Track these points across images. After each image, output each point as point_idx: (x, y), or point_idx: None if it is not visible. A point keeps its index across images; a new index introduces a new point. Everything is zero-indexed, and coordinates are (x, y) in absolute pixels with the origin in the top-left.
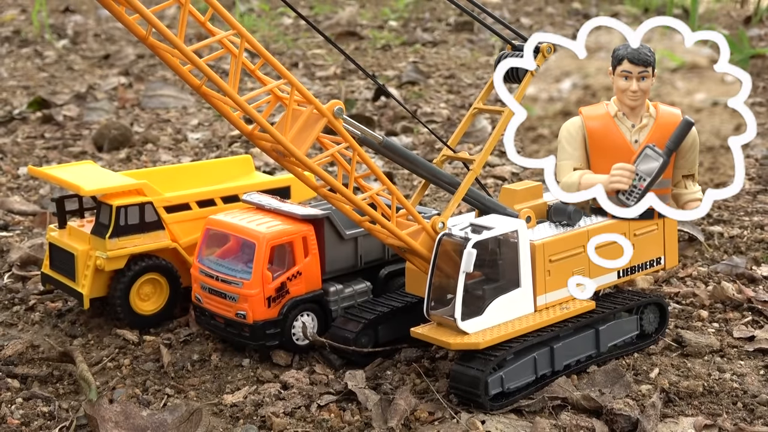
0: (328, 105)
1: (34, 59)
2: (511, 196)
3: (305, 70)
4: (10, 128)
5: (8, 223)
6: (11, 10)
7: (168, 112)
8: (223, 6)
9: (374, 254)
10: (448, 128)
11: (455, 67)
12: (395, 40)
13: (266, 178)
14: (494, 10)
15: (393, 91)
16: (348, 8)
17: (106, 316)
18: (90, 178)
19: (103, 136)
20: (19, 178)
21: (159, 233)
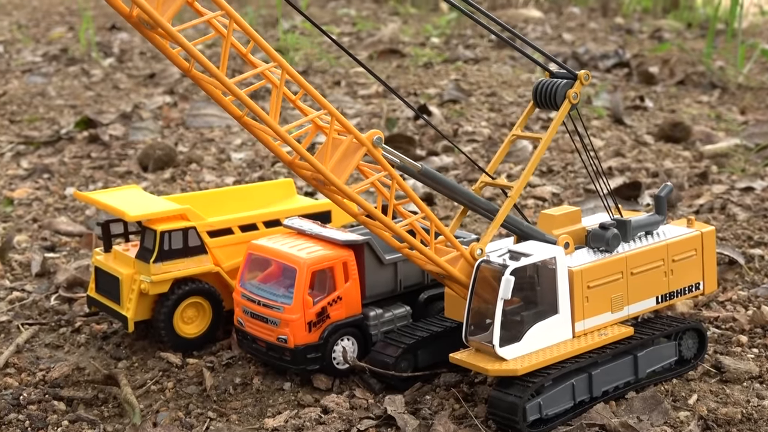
0: (367, 134)
1: (81, 78)
2: (549, 222)
3: (347, 89)
4: (58, 148)
5: (55, 244)
6: (59, 28)
7: (212, 131)
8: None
9: (413, 279)
10: (489, 147)
11: (497, 85)
12: (437, 57)
13: (307, 203)
14: (536, 25)
15: (434, 110)
16: (390, 25)
17: (150, 338)
18: (135, 204)
19: (148, 156)
20: (65, 199)
21: (202, 257)
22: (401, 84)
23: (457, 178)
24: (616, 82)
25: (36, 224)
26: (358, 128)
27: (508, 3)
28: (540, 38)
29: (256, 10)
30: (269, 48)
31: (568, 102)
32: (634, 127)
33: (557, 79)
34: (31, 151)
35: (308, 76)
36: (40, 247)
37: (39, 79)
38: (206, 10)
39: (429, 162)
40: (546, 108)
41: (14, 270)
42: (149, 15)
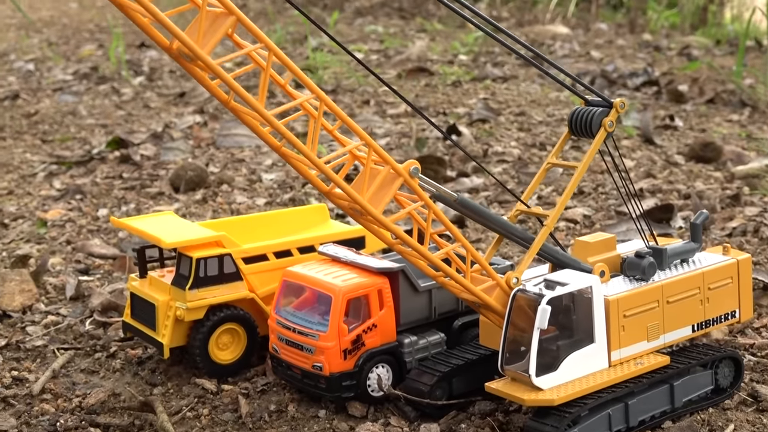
0: (404, 165)
1: (112, 96)
2: (584, 249)
3: (377, 108)
4: (90, 168)
5: (89, 267)
6: (89, 45)
7: (242, 151)
8: (295, 40)
9: (448, 306)
10: (519, 168)
11: (525, 104)
12: (465, 75)
13: (341, 229)
14: (564, 42)
15: (464, 130)
16: (418, 42)
17: (184, 364)
18: (170, 230)
19: (180, 177)
20: (98, 220)
21: (237, 284)
22: (430, 103)
23: (487, 200)
24: (645, 101)
25: (69, 246)
26: (388, 148)
27: (534, 19)
28: (568, 55)
29: (283, 27)
30: (308, 80)
31: (603, 130)
32: (665, 146)
33: (593, 108)
34: (64, 171)
35: (337, 95)
36: (74, 270)
37: (70, 98)
38: (245, 42)
39: (459, 183)
40: (582, 136)
41: (49, 293)
42: (190, 49)
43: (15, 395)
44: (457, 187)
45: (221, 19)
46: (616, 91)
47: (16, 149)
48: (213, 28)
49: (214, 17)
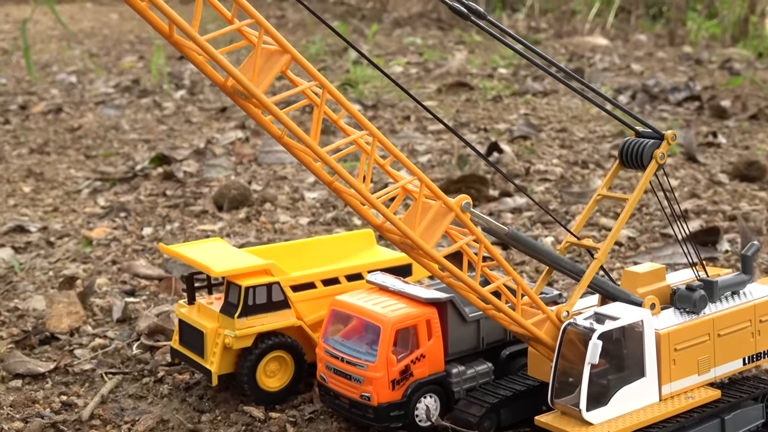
0: (456, 199)
1: (153, 110)
2: (633, 280)
3: (417, 124)
4: (133, 185)
5: (135, 288)
6: (129, 57)
7: (284, 168)
8: (334, 52)
9: (496, 335)
10: (562, 188)
11: (567, 120)
12: (505, 90)
13: (387, 255)
14: (604, 55)
15: (505, 147)
16: (457, 55)
17: (231, 390)
18: (219, 258)
19: (223, 195)
20: (143, 239)
21: (285, 312)
22: (470, 118)
23: (530, 220)
24: (687, 116)
25: (115, 266)
26: (429, 165)
27: (573, 30)
28: (608, 68)
29: (322, 38)
30: (362, 117)
31: (655, 162)
32: (708, 165)
33: (644, 139)
34: (107, 188)
35: (377, 110)
36: (121, 292)
37: (112, 112)
38: (300, 79)
39: (502, 203)
40: (632, 168)
41: (96, 315)
42: (245, 87)
43: (65, 421)
44: (500, 207)
45: (276, 57)
46: (658, 107)
47: (61, 165)
48: (268, 65)
49: (269, 54)
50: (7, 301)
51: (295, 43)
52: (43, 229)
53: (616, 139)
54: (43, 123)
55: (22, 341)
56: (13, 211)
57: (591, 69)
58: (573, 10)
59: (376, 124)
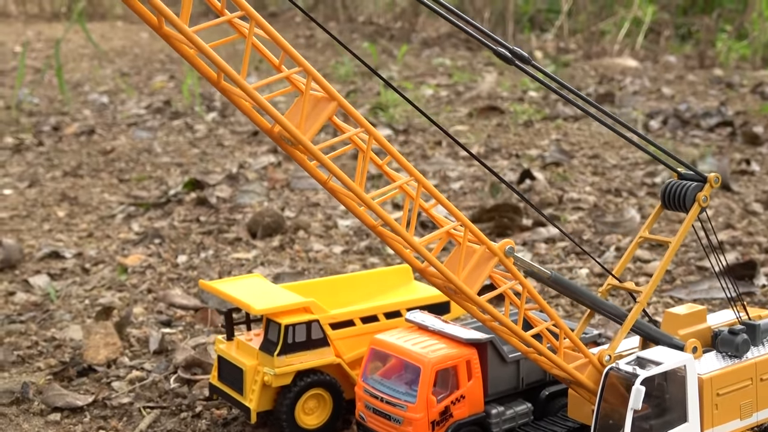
0: (499, 244)
1: (185, 133)
2: (674, 321)
3: (449, 149)
4: (167, 210)
5: (171, 318)
6: (160, 76)
7: (316, 194)
8: (364, 74)
9: (535, 376)
10: (596, 217)
11: (599, 146)
12: (536, 114)
13: (425, 292)
14: (634, 78)
15: (538, 174)
16: (487, 78)
17: (269, 426)
18: (259, 296)
19: (257, 223)
20: (177, 267)
21: (324, 350)
22: (502, 143)
23: (564, 251)
24: (719, 143)
25: (150, 295)
26: (461, 192)
27: (602, 51)
28: (638, 92)
29: (351, 59)
30: (407, 163)
31: (698, 205)
32: (742, 193)
33: (686, 182)
34: (141, 213)
35: (408, 134)
36: (157, 322)
37: (144, 134)
38: (347, 126)
39: (536, 233)
40: (675, 210)
41: (133, 346)
42: (292, 134)
43: None
44: (534, 237)
45: (323, 104)
46: (690, 132)
47: (94, 188)
48: (315, 112)
49: (316, 101)
50: (44, 330)
51: (324, 64)
52: (78, 255)
53: (649, 166)
54: (76, 145)
55: (60, 373)
56: (48, 236)
57: (621, 92)
58: (602, 30)
59: (407, 150)
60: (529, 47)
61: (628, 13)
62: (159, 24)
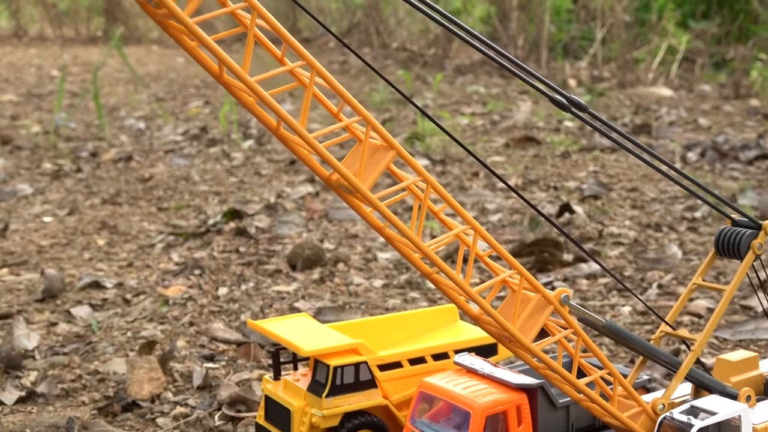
0: (555, 293)
1: (222, 160)
2: (726, 368)
3: (486, 181)
4: (206, 240)
5: (214, 352)
6: (195, 102)
7: (355, 225)
8: (399, 102)
9: (585, 421)
10: (637, 253)
11: (637, 179)
12: (573, 145)
13: (473, 334)
14: (670, 108)
15: (577, 208)
16: (522, 106)
17: None
18: (307, 336)
19: (297, 255)
20: (218, 299)
21: (372, 391)
22: (539, 175)
23: (606, 287)
24: (759, 176)
25: (192, 328)
26: (499, 225)
27: (636, 79)
28: (675, 122)
29: (386, 86)
30: (464, 212)
31: (752, 253)
32: None
33: (741, 229)
34: (181, 242)
35: (445, 165)
36: (200, 356)
37: (182, 161)
38: (405, 174)
39: (577, 269)
40: (729, 257)
41: (176, 381)
42: (350, 183)
43: None
44: (575, 273)
45: (381, 153)
46: (728, 165)
47: (133, 217)
48: (373, 160)
49: (374, 149)
50: (88, 363)
51: (359, 90)
52: (119, 285)
53: (688, 200)
54: (114, 171)
55: (104, 408)
56: (89, 265)
57: (658, 123)
58: (636, 58)
59: (444, 180)
60: (563, 75)
61: (663, 42)
62: (220, 72)
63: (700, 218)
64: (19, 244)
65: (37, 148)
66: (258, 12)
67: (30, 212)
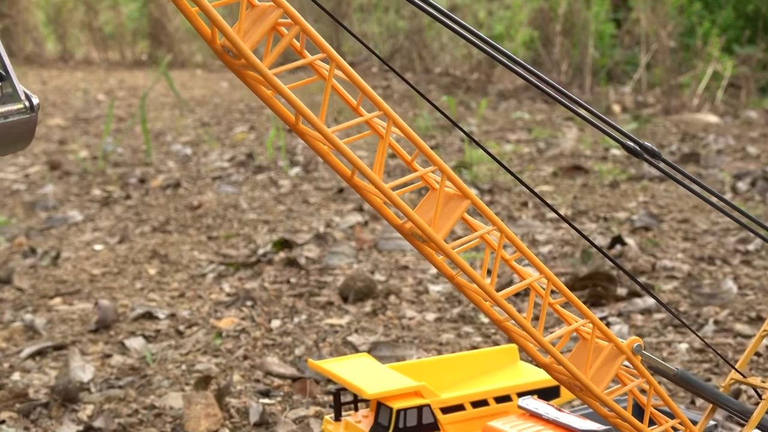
0: (627, 342)
1: (270, 188)
2: None
3: (535, 211)
4: (257, 270)
5: (269, 387)
6: (240, 127)
7: (405, 256)
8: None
9: None
10: (691, 288)
11: (687, 209)
12: (621, 174)
13: (535, 376)
14: (718, 136)
15: (629, 240)
16: (568, 134)
17: None
18: (369, 378)
19: (349, 287)
20: (271, 332)
21: None
22: (589, 205)
23: (662, 323)
24: None
25: (246, 362)
26: (550, 257)
27: (681, 105)
28: (723, 151)
29: (430, 112)
30: (539, 262)
31: None
32: None
33: None
34: (231, 272)
35: (493, 195)
36: (255, 392)
37: (230, 189)
38: (479, 223)
39: (632, 304)
40: None
41: (233, 417)
42: (425, 233)
43: None
44: (630, 308)
45: (455, 202)
46: None
47: (183, 246)
48: (447, 209)
49: (448, 198)
50: (144, 397)
51: (402, 115)
52: (172, 315)
53: (741, 232)
54: (162, 198)
55: None
56: (141, 295)
57: (705, 151)
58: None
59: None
60: (607, 101)
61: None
62: (295, 121)
63: (753, 251)
64: (71, 272)
65: (86, 174)
66: (337, 63)
67: (81, 240)
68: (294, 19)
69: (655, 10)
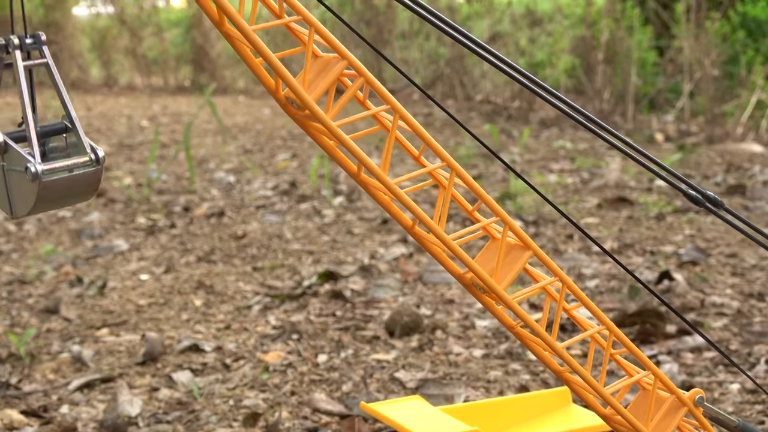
0: (689, 394)
1: (314, 218)
2: None
3: (581, 243)
4: (302, 303)
5: (317, 425)
6: (282, 154)
7: (450, 289)
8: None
9: None
10: (742, 326)
11: (735, 243)
12: (667, 206)
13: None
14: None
15: (677, 275)
16: (611, 164)
17: None
18: (422, 422)
19: (395, 321)
20: (318, 367)
21: None
22: (635, 239)
23: (712, 362)
24: None
25: (294, 398)
26: (597, 291)
27: (725, 134)
28: None
29: (471, 140)
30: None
31: None
32: None
33: None
34: (277, 305)
35: (538, 227)
36: (304, 429)
37: (274, 218)
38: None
39: (682, 342)
40: None
41: None
42: (487, 285)
43: None
44: (679, 346)
45: (517, 252)
46: None
47: (229, 276)
48: (508, 260)
49: (509, 248)
50: None
51: (444, 143)
52: (218, 348)
53: None
54: (207, 228)
55: None
56: (187, 326)
57: (751, 182)
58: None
59: (538, 243)
60: (650, 129)
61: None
62: (357, 171)
63: None
64: (118, 302)
65: (131, 202)
66: (400, 115)
67: (127, 269)
68: (358, 71)
69: (698, 38)
